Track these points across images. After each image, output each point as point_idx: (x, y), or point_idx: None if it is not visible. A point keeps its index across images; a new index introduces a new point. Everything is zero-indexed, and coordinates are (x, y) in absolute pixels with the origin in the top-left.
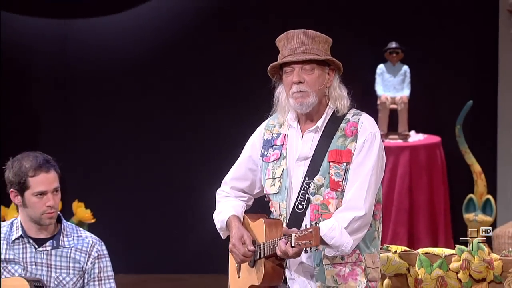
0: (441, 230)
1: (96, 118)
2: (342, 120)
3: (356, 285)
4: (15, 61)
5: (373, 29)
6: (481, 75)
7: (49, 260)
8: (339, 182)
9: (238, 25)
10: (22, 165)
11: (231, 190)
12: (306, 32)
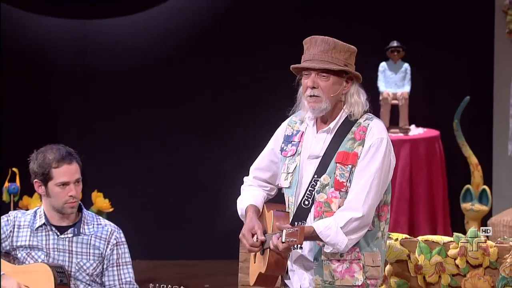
0: (440, 219)
1: (113, 113)
2: (354, 123)
3: (353, 281)
4: (38, 59)
5: (375, 29)
6: (478, 72)
7: (70, 247)
8: (343, 183)
9: (256, 22)
10: (46, 157)
11: (254, 180)
12: (329, 40)
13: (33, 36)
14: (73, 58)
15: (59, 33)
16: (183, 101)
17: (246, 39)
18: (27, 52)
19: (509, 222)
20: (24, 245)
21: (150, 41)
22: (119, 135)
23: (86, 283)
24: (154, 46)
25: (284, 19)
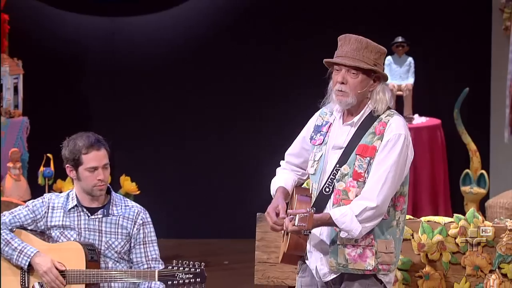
0: (441, 201)
1: (139, 103)
2: (376, 119)
3: (365, 266)
4: (71, 54)
5: (382, 25)
6: (476, 66)
7: (100, 227)
8: (361, 173)
9: (283, 18)
10: (77, 144)
11: (287, 164)
12: (362, 39)
13: (67, 32)
14: (103, 52)
15: (89, 30)
16: (209, 91)
17: (274, 35)
18: (61, 47)
19: (505, 204)
20: (57, 225)
21: (175, 37)
22: (145, 123)
23: (115, 260)
24: (179, 41)
25: (302, 16)
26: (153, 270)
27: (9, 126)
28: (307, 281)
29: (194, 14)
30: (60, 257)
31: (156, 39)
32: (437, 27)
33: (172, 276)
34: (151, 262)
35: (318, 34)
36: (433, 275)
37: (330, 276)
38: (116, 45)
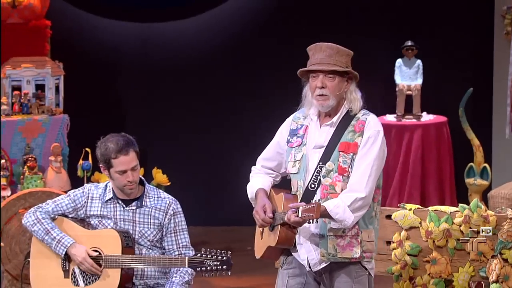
0: (447, 192)
1: (170, 103)
2: (353, 118)
3: (352, 254)
4: (107, 58)
5: (393, 30)
6: (480, 67)
7: (134, 217)
8: (346, 168)
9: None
10: (107, 147)
11: (262, 168)
12: (332, 46)
13: (103, 37)
14: (135, 55)
15: (123, 35)
16: (239, 90)
17: (303, 38)
18: (97, 51)
19: (506, 195)
20: (96, 214)
21: (203, 41)
22: (175, 121)
23: (148, 247)
24: (207, 45)
25: (317, 19)
26: (184, 257)
27: (51, 123)
28: (295, 272)
29: (220, 20)
30: (99, 242)
31: (185, 44)
32: (443, 32)
33: (201, 263)
34: (182, 249)
35: (338, 34)
36: (440, 260)
37: (320, 265)
38: (148, 49)
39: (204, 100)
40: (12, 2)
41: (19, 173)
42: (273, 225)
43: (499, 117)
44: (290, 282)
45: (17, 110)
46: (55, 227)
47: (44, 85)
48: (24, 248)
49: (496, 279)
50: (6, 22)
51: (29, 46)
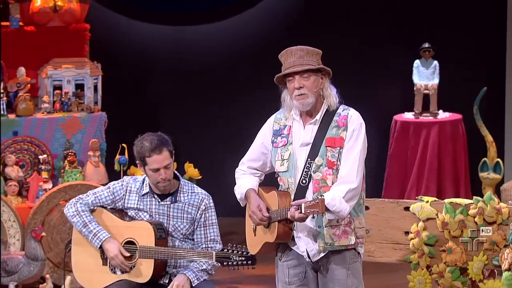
0: (462, 185)
1: (201, 100)
2: (335, 114)
3: (348, 241)
4: (142, 59)
5: (411, 32)
6: (493, 68)
7: (168, 211)
8: (334, 162)
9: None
10: (143, 146)
11: (247, 169)
12: (302, 48)
13: (138, 39)
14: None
15: (157, 38)
16: (265, 89)
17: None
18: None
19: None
20: (133, 207)
21: (231, 42)
22: (206, 119)
23: (181, 240)
24: (235, 46)
25: (338, 22)
26: (211, 252)
27: (89, 120)
28: (294, 263)
29: (248, 23)
30: (134, 233)
31: (215, 45)
32: (458, 35)
33: (227, 258)
34: (209, 243)
35: (359, 37)
36: (455, 250)
37: (319, 255)
38: (180, 50)
39: (233, 98)
40: (54, 7)
41: (59, 167)
42: (269, 222)
43: (510, 114)
44: (291, 273)
45: (58, 108)
46: (93, 220)
47: (83, 85)
48: (65, 237)
49: (508, 268)
50: (48, 26)
51: (70, 48)
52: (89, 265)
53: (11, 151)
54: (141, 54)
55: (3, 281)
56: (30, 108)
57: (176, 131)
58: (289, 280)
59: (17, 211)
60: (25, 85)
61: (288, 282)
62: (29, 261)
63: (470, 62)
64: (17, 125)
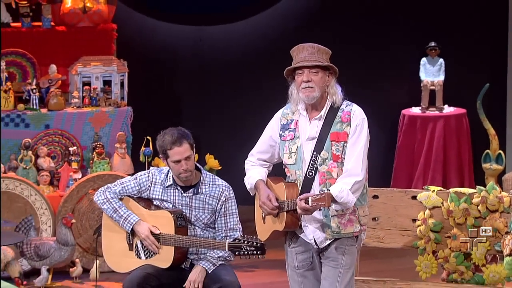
0: (466, 176)
1: (221, 97)
2: (338, 110)
3: (353, 229)
4: (165, 57)
5: (419, 32)
6: (495, 66)
7: (190, 202)
8: (339, 155)
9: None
10: (164, 140)
11: (257, 160)
12: (313, 45)
13: (162, 39)
14: (191, 53)
15: (180, 37)
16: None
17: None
18: (157, 51)
19: None
20: (157, 197)
21: (248, 41)
22: (225, 113)
23: (202, 229)
24: (250, 46)
25: (353, 23)
26: (224, 242)
27: (116, 114)
28: (301, 249)
29: (265, 23)
30: (156, 222)
31: (233, 44)
32: (463, 34)
33: (239, 248)
34: (229, 231)
35: (371, 38)
36: (459, 236)
37: (326, 242)
38: (202, 49)
39: (249, 94)
40: (83, 8)
41: (88, 158)
42: (278, 211)
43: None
44: (299, 258)
45: (87, 103)
46: (122, 206)
47: (110, 81)
48: (93, 224)
49: (509, 253)
50: (77, 26)
51: (98, 46)
52: (117, 250)
53: (43, 143)
54: (164, 53)
55: (35, 265)
56: (61, 103)
57: (197, 124)
58: (298, 265)
59: (49, 200)
60: (56, 81)
61: (297, 267)
62: (60, 246)
63: (473, 60)
64: (48, 119)
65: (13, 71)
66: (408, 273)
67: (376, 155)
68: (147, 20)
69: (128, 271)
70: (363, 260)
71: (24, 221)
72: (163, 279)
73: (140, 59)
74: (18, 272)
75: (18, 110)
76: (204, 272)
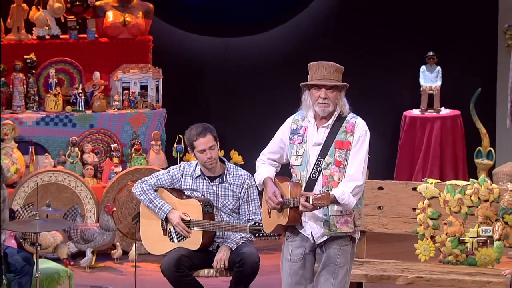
0: (461, 169)
1: (243, 100)
2: (344, 120)
3: (348, 229)
4: (195, 65)
5: (419, 43)
6: (486, 72)
7: (217, 191)
8: (341, 161)
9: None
10: (190, 133)
11: (267, 160)
12: (331, 64)
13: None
14: (218, 62)
15: (208, 47)
16: None
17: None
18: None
19: (507, 172)
20: (188, 188)
21: (270, 52)
22: (248, 114)
23: (228, 214)
24: (273, 55)
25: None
26: (245, 225)
27: (152, 115)
28: (297, 244)
29: (286, 35)
30: (186, 210)
31: (256, 53)
32: (458, 44)
33: (259, 230)
34: (251, 215)
35: (376, 45)
36: (455, 223)
37: (322, 238)
38: (226, 58)
39: (268, 97)
40: (123, 22)
41: (127, 154)
42: (282, 207)
43: (502, 111)
44: (294, 252)
45: (126, 105)
46: (157, 197)
47: (147, 86)
48: (132, 212)
49: (499, 238)
50: (118, 37)
51: (136, 56)
52: (153, 234)
53: (88, 141)
54: (194, 61)
55: (81, 248)
56: (103, 105)
57: (222, 124)
58: (291, 258)
59: (93, 190)
60: (100, 86)
61: (290, 260)
62: (102, 231)
63: (467, 67)
64: (93, 119)
65: (62, 77)
66: (409, 256)
67: (381, 151)
68: (179, 32)
69: (163, 253)
70: (369, 244)
71: (71, 209)
72: (194, 260)
73: (173, 66)
74: (66, 254)
75: (66, 112)
76: (229, 250)
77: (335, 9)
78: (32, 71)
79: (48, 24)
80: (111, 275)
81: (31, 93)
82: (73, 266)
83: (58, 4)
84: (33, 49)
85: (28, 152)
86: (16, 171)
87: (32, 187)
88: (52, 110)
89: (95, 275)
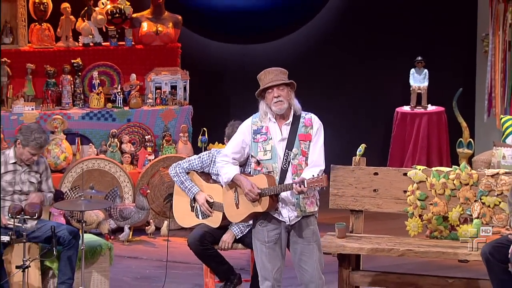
0: (445, 158)
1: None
2: (300, 117)
3: (313, 208)
4: (218, 69)
5: (409, 48)
6: (467, 74)
7: None
8: (306, 151)
9: None
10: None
11: (231, 159)
12: (277, 68)
13: (215, 55)
14: (238, 66)
15: (228, 53)
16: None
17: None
18: (211, 64)
19: (484, 160)
20: (215, 173)
21: (284, 57)
22: None
23: None
24: (286, 61)
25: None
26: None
27: (180, 111)
28: (272, 227)
29: (299, 41)
30: (211, 192)
31: (271, 59)
32: (443, 50)
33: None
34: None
35: (373, 51)
36: (439, 203)
37: (296, 219)
38: (245, 62)
39: None
40: (156, 31)
41: (159, 144)
42: (260, 197)
43: (480, 107)
44: (270, 234)
45: (159, 102)
46: (188, 179)
47: (176, 86)
48: (163, 194)
49: (477, 216)
50: (152, 45)
51: (167, 60)
52: (183, 210)
53: (125, 133)
54: (217, 65)
55: (120, 224)
56: (139, 102)
57: (241, 120)
58: (268, 239)
59: (130, 175)
60: (136, 86)
61: (267, 241)
62: (138, 210)
63: (451, 70)
64: (130, 115)
65: (104, 78)
66: (400, 232)
67: (376, 142)
68: (204, 40)
69: (189, 226)
70: (366, 222)
71: (112, 191)
72: (216, 236)
73: (198, 69)
74: (107, 229)
75: (107, 108)
76: (233, 236)
77: (337, 21)
78: (78, 73)
79: (92, 33)
80: (146, 247)
81: (77, 92)
82: (113, 240)
83: (100, 16)
84: (79, 55)
85: (75, 143)
86: (64, 159)
87: (78, 172)
88: (95, 107)
89: (132, 248)
